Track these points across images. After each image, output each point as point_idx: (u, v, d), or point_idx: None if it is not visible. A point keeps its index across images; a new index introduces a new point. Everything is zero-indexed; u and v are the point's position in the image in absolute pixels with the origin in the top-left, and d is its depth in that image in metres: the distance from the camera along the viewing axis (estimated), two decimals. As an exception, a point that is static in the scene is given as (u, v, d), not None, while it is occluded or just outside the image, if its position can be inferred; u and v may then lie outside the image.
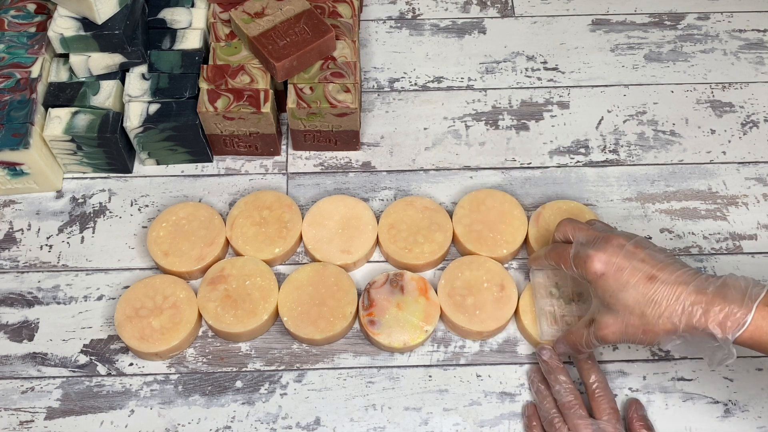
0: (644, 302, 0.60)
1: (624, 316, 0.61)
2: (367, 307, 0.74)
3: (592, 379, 0.68)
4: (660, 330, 0.59)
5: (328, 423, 0.71)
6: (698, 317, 0.58)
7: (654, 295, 0.59)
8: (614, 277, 0.61)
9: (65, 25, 0.77)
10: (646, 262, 0.61)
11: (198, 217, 0.78)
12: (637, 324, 0.60)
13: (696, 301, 0.58)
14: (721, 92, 0.90)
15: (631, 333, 0.61)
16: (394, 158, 0.85)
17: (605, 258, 0.62)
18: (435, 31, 0.94)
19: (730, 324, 0.57)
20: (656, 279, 0.60)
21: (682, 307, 0.58)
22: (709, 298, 0.58)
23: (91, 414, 0.71)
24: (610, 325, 0.62)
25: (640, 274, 0.60)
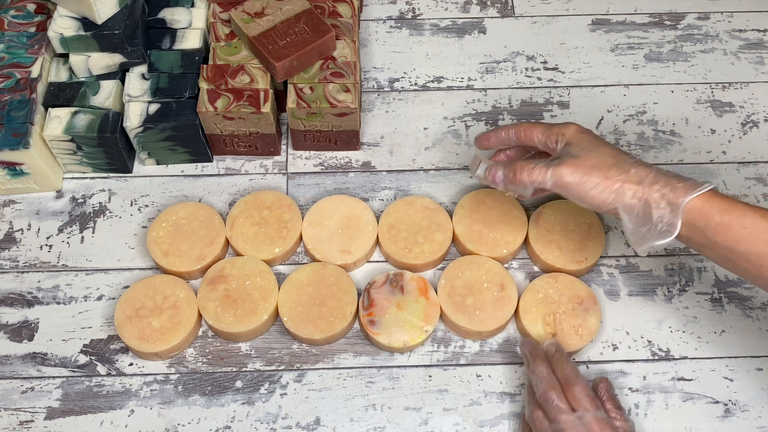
0: (613, 163, 0.63)
1: (588, 169, 0.63)
2: (367, 307, 0.74)
3: (565, 370, 0.65)
4: (621, 180, 0.62)
5: (328, 423, 0.71)
6: (658, 183, 0.61)
7: (624, 162, 0.63)
8: (591, 140, 0.65)
9: (65, 25, 0.77)
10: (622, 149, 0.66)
11: (198, 217, 0.78)
12: (601, 170, 0.63)
13: (660, 174, 0.62)
14: (721, 92, 0.90)
15: (590, 177, 0.63)
16: (394, 158, 0.85)
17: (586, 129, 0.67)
18: (435, 31, 0.94)
19: (690, 188, 0.60)
20: (630, 155, 0.64)
21: (650, 171, 0.62)
22: (671, 177, 0.62)
23: (91, 414, 0.71)
24: (573, 166, 0.64)
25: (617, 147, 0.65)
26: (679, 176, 0.63)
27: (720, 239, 0.59)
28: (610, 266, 0.79)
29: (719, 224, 0.59)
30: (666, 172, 0.63)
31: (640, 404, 0.72)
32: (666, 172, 0.63)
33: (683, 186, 0.61)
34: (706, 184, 0.61)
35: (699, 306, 0.77)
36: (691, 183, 0.61)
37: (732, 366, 0.74)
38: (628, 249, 0.80)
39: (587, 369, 0.74)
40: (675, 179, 0.62)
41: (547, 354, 0.68)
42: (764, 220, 0.58)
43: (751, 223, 0.58)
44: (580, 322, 0.73)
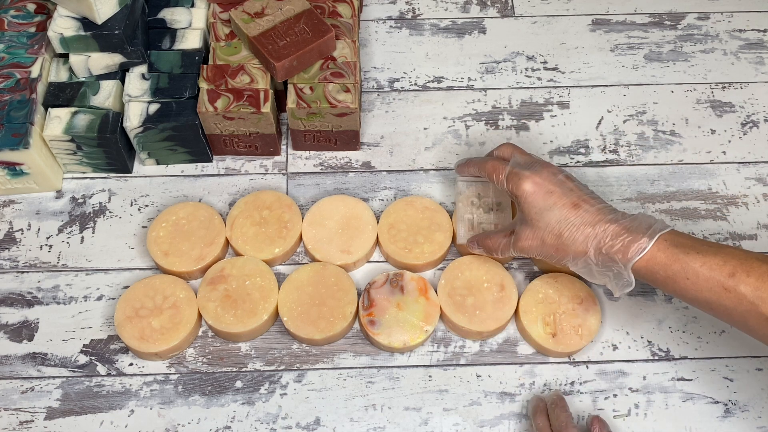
0: (564, 224, 0.65)
1: (543, 232, 0.66)
2: (367, 307, 0.74)
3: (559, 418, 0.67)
4: (571, 251, 0.65)
5: (328, 423, 0.71)
6: (606, 243, 0.63)
7: (575, 220, 0.65)
8: (543, 197, 0.67)
9: (65, 25, 0.77)
10: (574, 191, 0.67)
11: (198, 217, 0.78)
12: (553, 242, 0.66)
13: (607, 229, 0.64)
14: (721, 92, 0.90)
15: (545, 249, 0.67)
16: (394, 158, 0.85)
17: (538, 180, 0.67)
18: (435, 31, 0.94)
19: (632, 251, 0.62)
20: (580, 207, 0.66)
21: (595, 233, 0.64)
22: (619, 229, 0.63)
23: (91, 414, 0.71)
24: (529, 238, 0.68)
25: (566, 199, 0.66)
26: (626, 227, 0.63)
27: (671, 289, 0.63)
28: (610, 266, 0.79)
29: (665, 278, 0.62)
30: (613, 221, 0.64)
31: (640, 404, 0.72)
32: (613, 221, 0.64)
33: (623, 247, 0.62)
34: (645, 239, 0.62)
35: (699, 306, 0.77)
36: (633, 240, 0.62)
37: (732, 366, 0.74)
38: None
39: (587, 369, 0.74)
40: (619, 237, 0.63)
41: (547, 404, 0.70)
42: (705, 268, 0.60)
43: (692, 275, 0.60)
44: (580, 322, 0.73)
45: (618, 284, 0.65)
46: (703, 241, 0.63)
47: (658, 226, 0.63)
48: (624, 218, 0.64)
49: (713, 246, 0.61)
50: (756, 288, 0.58)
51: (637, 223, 0.64)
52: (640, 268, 0.63)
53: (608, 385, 0.73)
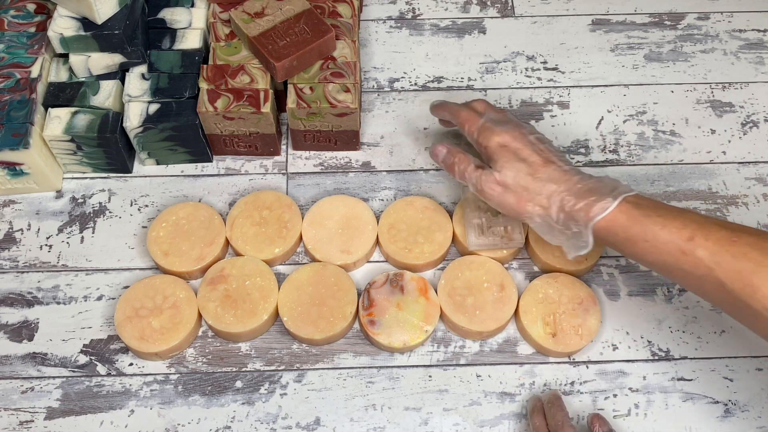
0: (531, 177, 0.66)
1: (508, 180, 0.67)
2: (367, 307, 0.74)
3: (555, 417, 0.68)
4: (533, 204, 0.66)
5: (328, 423, 0.71)
6: (569, 201, 0.64)
7: (541, 175, 0.66)
8: (513, 152, 0.68)
9: (65, 25, 0.77)
10: (544, 152, 0.68)
11: (198, 217, 0.78)
12: (516, 192, 0.67)
13: (572, 188, 0.65)
14: (721, 92, 0.90)
15: (506, 198, 0.68)
16: (394, 158, 0.85)
17: (509, 138, 0.69)
18: (435, 31, 0.94)
19: (594, 210, 0.63)
20: (549, 165, 0.67)
21: (560, 191, 0.65)
22: (584, 189, 0.64)
23: (91, 414, 0.71)
24: (492, 182, 0.68)
25: (536, 157, 0.67)
26: (591, 188, 0.64)
27: (629, 252, 0.63)
28: (610, 266, 0.79)
29: (625, 239, 0.62)
30: (579, 182, 0.65)
31: (640, 404, 0.72)
32: (579, 182, 0.65)
33: (587, 206, 0.63)
34: (609, 199, 0.63)
35: (699, 306, 0.77)
36: (597, 200, 0.63)
37: (732, 366, 0.74)
38: (628, 249, 0.80)
39: (587, 369, 0.74)
40: (583, 197, 0.64)
41: (544, 403, 0.70)
42: (665, 231, 0.60)
43: (652, 237, 0.61)
44: (580, 322, 0.73)
45: (575, 244, 0.65)
46: (666, 205, 0.63)
47: (623, 189, 0.64)
48: (590, 179, 0.65)
49: (675, 210, 0.62)
50: (713, 252, 0.58)
51: (602, 184, 0.64)
52: (600, 229, 0.63)
53: (608, 385, 0.73)
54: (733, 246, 0.57)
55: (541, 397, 0.71)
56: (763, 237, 0.58)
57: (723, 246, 0.58)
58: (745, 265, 0.56)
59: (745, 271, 0.56)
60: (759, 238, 0.57)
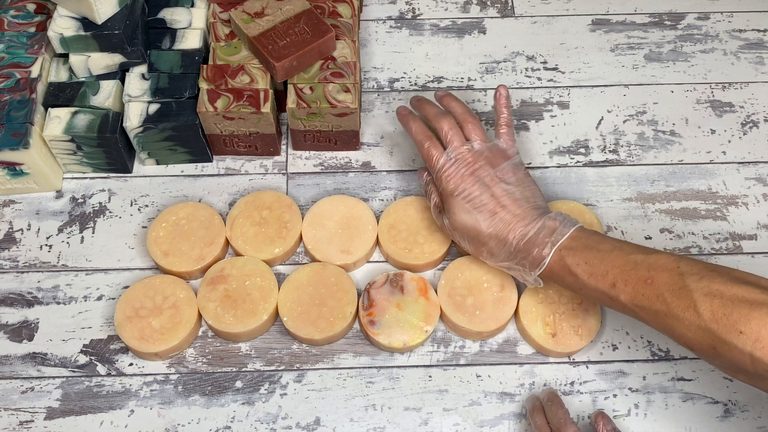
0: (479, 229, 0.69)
1: (461, 228, 0.70)
2: (367, 307, 0.74)
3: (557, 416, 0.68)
4: (485, 251, 0.70)
5: (328, 423, 0.71)
6: (516, 255, 0.68)
7: (488, 229, 0.69)
8: (464, 198, 0.70)
9: (65, 25, 0.77)
10: (495, 197, 0.69)
11: (198, 217, 0.78)
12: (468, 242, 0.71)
13: (513, 242, 0.68)
14: (721, 92, 0.90)
15: (460, 241, 0.72)
16: (394, 158, 0.85)
17: (462, 186, 0.70)
18: (435, 31, 0.94)
19: (535, 264, 0.67)
20: (495, 215, 0.69)
21: (504, 246, 0.68)
22: (524, 241, 0.67)
23: (91, 414, 0.71)
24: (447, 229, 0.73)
25: (485, 207, 0.69)
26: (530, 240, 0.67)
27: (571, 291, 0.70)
28: (610, 266, 0.79)
29: (564, 285, 0.67)
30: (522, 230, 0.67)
31: (640, 404, 0.72)
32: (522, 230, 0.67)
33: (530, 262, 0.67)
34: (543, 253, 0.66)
35: (699, 306, 0.77)
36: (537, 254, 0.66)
37: (732, 366, 0.74)
38: (628, 249, 0.80)
39: (587, 369, 0.74)
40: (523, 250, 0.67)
41: (543, 401, 0.70)
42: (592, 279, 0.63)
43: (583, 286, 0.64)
44: (580, 322, 0.73)
45: (528, 281, 0.69)
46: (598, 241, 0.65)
47: (558, 234, 0.66)
48: (532, 224, 0.67)
49: (603, 250, 0.64)
50: (633, 297, 0.61)
51: (543, 233, 0.67)
52: (543, 277, 0.67)
53: (608, 385, 0.73)
54: (649, 288, 0.60)
55: (539, 396, 0.71)
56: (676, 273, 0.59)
57: (639, 290, 0.60)
58: (659, 307, 0.59)
59: (660, 313, 0.59)
60: (671, 274, 0.59)
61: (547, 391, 0.71)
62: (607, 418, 0.68)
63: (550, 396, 0.70)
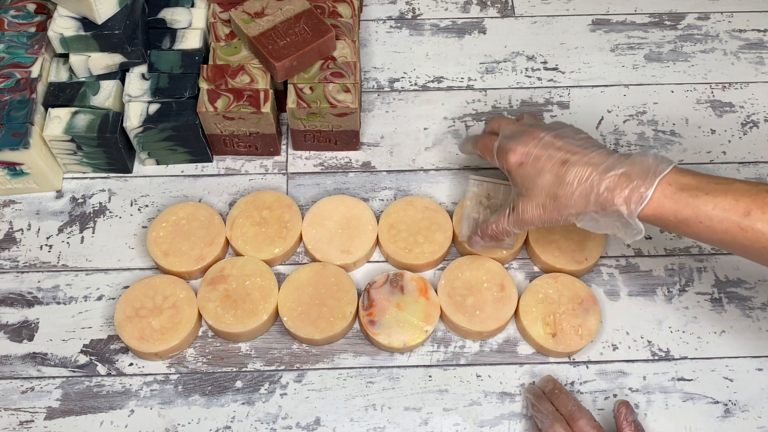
0: (557, 184, 0.64)
1: (540, 199, 0.65)
2: (367, 307, 0.74)
3: (567, 405, 0.67)
4: (572, 209, 0.63)
5: (328, 423, 0.71)
6: (606, 196, 0.61)
7: (566, 177, 0.63)
8: (531, 166, 0.65)
9: (65, 25, 0.77)
10: (562, 149, 0.65)
11: (198, 217, 0.78)
12: (552, 206, 0.64)
13: (604, 180, 0.61)
14: (721, 92, 0.90)
15: (547, 215, 0.65)
16: (394, 158, 0.85)
17: (523, 150, 0.66)
18: (435, 31, 0.94)
19: (634, 200, 0.60)
20: (569, 162, 0.63)
21: (591, 187, 0.62)
22: (616, 178, 0.61)
23: (91, 414, 0.71)
24: (528, 209, 0.66)
25: (554, 160, 0.64)
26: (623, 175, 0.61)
27: (683, 233, 0.61)
28: (610, 266, 0.79)
29: (677, 223, 0.60)
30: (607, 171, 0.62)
31: (640, 404, 0.72)
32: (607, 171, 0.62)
33: (625, 200, 0.60)
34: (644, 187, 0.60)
35: (699, 306, 0.77)
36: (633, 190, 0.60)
37: (732, 366, 0.74)
38: (628, 249, 0.80)
39: (587, 369, 0.74)
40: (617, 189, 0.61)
41: (545, 390, 0.70)
42: (717, 209, 0.59)
43: (705, 218, 0.59)
44: (580, 322, 0.73)
45: (627, 233, 0.62)
46: (709, 178, 0.60)
47: (659, 168, 0.61)
48: (619, 164, 0.62)
49: (720, 183, 0.60)
50: None
51: (635, 168, 0.61)
52: (647, 216, 0.61)
53: (608, 385, 0.73)
54: None
55: (538, 386, 0.71)
56: None
57: None
58: None
59: None
60: None
61: (547, 379, 0.71)
62: (630, 409, 0.67)
63: (555, 385, 0.69)
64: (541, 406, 0.68)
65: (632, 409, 0.68)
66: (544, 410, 0.67)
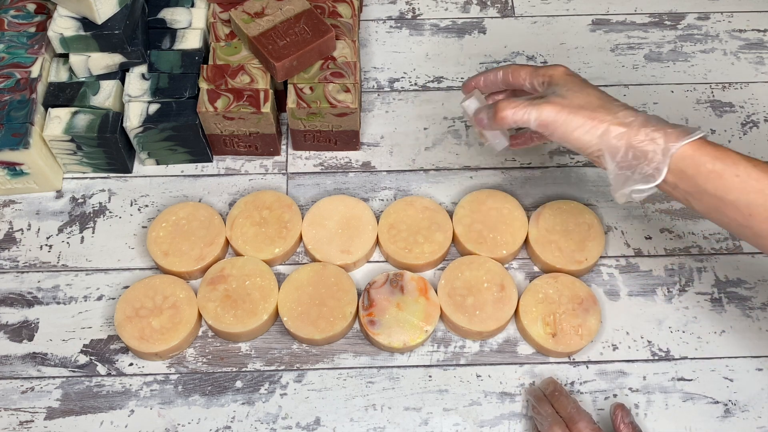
0: (601, 104, 0.61)
1: (575, 108, 0.61)
2: (367, 307, 0.74)
3: (566, 408, 0.67)
4: (607, 124, 0.60)
5: (328, 423, 0.71)
6: (649, 125, 0.59)
7: (613, 104, 0.61)
8: (580, 81, 0.64)
9: (65, 25, 0.77)
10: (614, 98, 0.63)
11: (198, 217, 0.78)
12: (587, 114, 0.61)
13: (650, 118, 0.60)
14: (721, 92, 0.90)
15: (574, 117, 0.61)
16: (394, 158, 0.85)
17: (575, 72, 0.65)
18: (435, 31, 0.94)
19: (679, 133, 0.58)
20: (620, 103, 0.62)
21: (637, 118, 0.60)
22: (661, 122, 0.60)
23: (91, 414, 0.71)
24: (558, 105, 0.62)
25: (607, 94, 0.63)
26: (668, 123, 0.60)
27: (710, 187, 0.58)
28: (610, 266, 0.79)
29: (711, 171, 0.58)
30: (656, 117, 0.61)
31: (640, 404, 0.72)
32: (656, 117, 0.61)
33: (674, 132, 0.59)
34: (698, 131, 0.59)
35: (699, 306, 0.77)
36: (682, 129, 0.59)
37: (732, 366, 0.74)
38: (628, 249, 0.80)
39: (587, 369, 0.74)
40: (665, 125, 0.60)
41: (546, 392, 0.70)
42: (756, 169, 0.57)
43: (744, 172, 0.57)
44: (580, 322, 0.73)
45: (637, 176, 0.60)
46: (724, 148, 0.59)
47: (682, 130, 0.59)
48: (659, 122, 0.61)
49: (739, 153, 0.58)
50: None
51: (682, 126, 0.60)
52: (683, 156, 0.58)
53: (608, 385, 0.73)
54: None
55: (540, 387, 0.71)
56: None
57: None
58: None
59: None
60: None
61: (548, 381, 0.71)
62: (626, 411, 0.68)
63: (556, 387, 0.69)
64: (541, 409, 0.68)
65: (628, 411, 0.68)
66: (543, 413, 0.68)
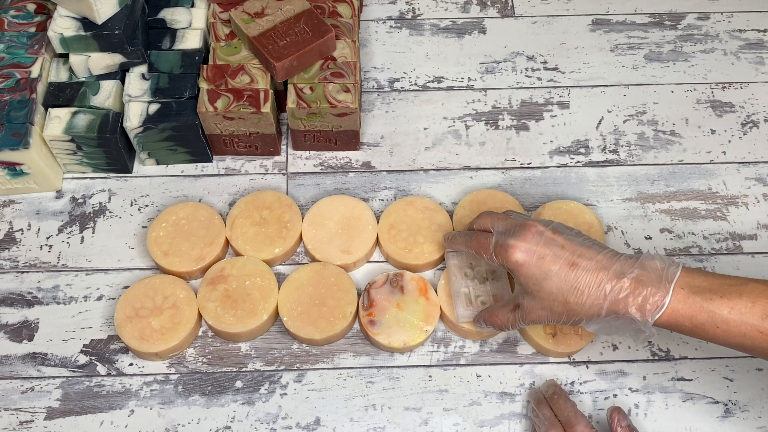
0: (567, 290, 0.61)
1: (548, 302, 0.62)
2: (367, 307, 0.74)
3: (564, 411, 0.67)
4: (584, 315, 0.61)
5: (328, 423, 0.71)
6: (619, 303, 0.59)
7: (576, 283, 0.61)
8: (536, 265, 0.62)
9: (65, 25, 0.77)
10: (566, 248, 0.62)
11: (198, 217, 0.78)
12: (561, 310, 0.62)
13: (616, 286, 0.59)
14: (721, 92, 0.90)
15: (555, 317, 0.63)
16: (394, 158, 0.85)
17: (525, 246, 0.63)
18: (435, 31, 0.94)
19: (649, 307, 0.58)
20: (577, 266, 0.61)
21: (604, 294, 0.60)
22: (628, 283, 0.59)
23: (91, 414, 0.71)
24: (536, 310, 0.64)
25: (561, 261, 0.61)
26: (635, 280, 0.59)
27: (698, 337, 0.60)
28: (610, 266, 0.79)
29: (692, 328, 0.59)
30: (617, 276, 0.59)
31: (640, 404, 0.72)
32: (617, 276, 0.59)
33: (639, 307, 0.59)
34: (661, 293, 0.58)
35: (699, 306, 0.77)
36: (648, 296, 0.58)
37: (732, 366, 0.74)
38: (628, 249, 0.80)
39: (587, 369, 0.74)
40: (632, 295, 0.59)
41: (546, 395, 0.70)
42: (734, 313, 0.57)
43: (722, 323, 0.58)
44: (580, 322, 0.73)
45: (638, 339, 0.61)
46: (720, 278, 0.59)
47: (670, 272, 0.59)
48: (628, 267, 0.60)
49: (734, 284, 0.58)
50: None
51: (645, 273, 0.59)
52: (662, 323, 0.59)
53: (608, 385, 0.73)
54: None
55: (541, 390, 0.71)
56: None
57: None
58: None
59: None
60: None
61: (549, 383, 0.71)
62: (623, 414, 0.68)
63: (555, 389, 0.70)
64: (540, 412, 0.68)
65: (625, 414, 0.68)
66: (541, 416, 0.68)
